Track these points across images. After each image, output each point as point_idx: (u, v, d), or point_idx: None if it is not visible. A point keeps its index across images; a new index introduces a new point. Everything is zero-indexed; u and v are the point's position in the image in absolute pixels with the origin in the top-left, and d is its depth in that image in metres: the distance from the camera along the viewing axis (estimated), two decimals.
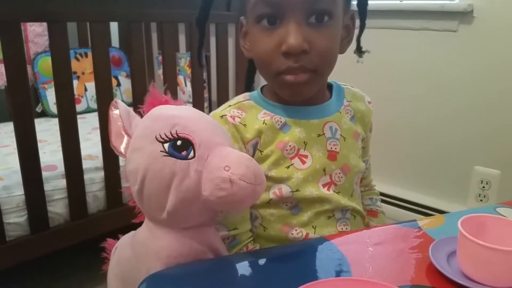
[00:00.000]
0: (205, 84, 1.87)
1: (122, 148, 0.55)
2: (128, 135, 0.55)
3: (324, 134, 0.69)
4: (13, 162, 1.31)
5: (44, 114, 2.14)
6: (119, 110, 0.56)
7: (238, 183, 0.47)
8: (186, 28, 1.98)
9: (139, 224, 0.59)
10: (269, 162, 0.66)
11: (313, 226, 0.67)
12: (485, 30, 1.41)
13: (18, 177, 1.23)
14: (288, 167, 0.66)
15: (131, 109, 0.58)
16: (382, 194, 1.64)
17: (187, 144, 0.50)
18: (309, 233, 0.67)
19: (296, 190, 0.66)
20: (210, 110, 1.96)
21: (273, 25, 0.61)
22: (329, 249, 0.56)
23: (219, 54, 1.74)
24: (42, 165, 1.24)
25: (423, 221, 0.63)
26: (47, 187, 1.29)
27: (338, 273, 0.50)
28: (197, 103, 1.68)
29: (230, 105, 0.70)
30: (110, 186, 1.42)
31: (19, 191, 1.24)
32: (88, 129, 1.81)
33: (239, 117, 0.67)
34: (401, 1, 1.58)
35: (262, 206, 0.68)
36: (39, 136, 1.25)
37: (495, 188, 1.46)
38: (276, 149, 0.66)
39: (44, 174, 1.27)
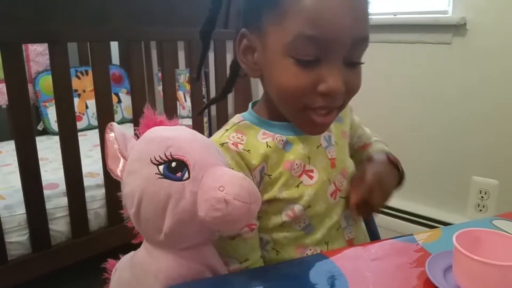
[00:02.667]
0: (204, 100, 1.89)
1: (118, 171, 0.55)
2: (124, 158, 0.55)
3: (321, 144, 0.68)
4: (15, 181, 1.32)
5: (46, 132, 2.16)
6: (114, 133, 0.57)
7: (232, 202, 0.48)
8: (185, 45, 2.00)
9: (140, 243, 0.60)
10: (279, 184, 0.64)
11: (325, 242, 0.67)
12: (478, 42, 1.43)
13: (19, 196, 1.24)
14: (298, 185, 0.65)
15: (126, 132, 0.59)
16: None
17: (182, 166, 0.50)
18: (322, 251, 0.66)
19: (308, 207, 0.65)
20: (209, 125, 1.97)
21: (313, 63, 0.57)
22: (327, 266, 0.56)
23: (217, 70, 1.76)
24: (43, 183, 1.25)
25: (420, 236, 0.63)
26: (48, 205, 1.29)
27: None
28: (197, 118, 1.70)
29: (227, 129, 0.67)
30: (111, 203, 1.43)
31: (21, 210, 1.25)
32: (89, 146, 1.82)
33: (241, 143, 0.64)
34: (395, 16, 1.60)
35: (274, 230, 0.66)
36: (41, 154, 1.27)
37: (494, 198, 1.47)
38: (284, 170, 0.64)
39: (46, 192, 1.28)
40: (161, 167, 0.50)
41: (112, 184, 1.41)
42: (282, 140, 0.66)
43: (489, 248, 0.51)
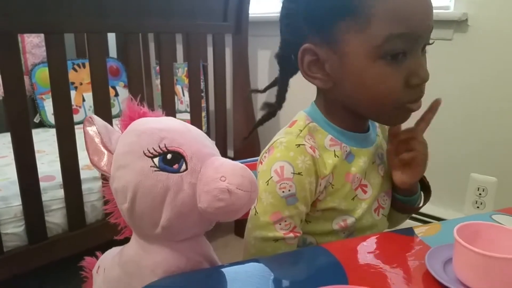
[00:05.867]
0: (203, 94, 1.88)
1: (103, 165, 0.53)
2: (109, 151, 0.54)
3: (375, 161, 0.70)
4: (11, 172, 1.31)
5: (42, 124, 2.15)
6: (96, 126, 0.55)
7: (236, 192, 0.47)
8: (183, 38, 1.99)
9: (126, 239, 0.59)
10: (340, 195, 0.65)
11: None
12: (479, 38, 1.42)
13: (15, 188, 1.23)
14: (353, 198, 0.66)
15: (108, 124, 0.57)
16: None
17: (178, 157, 0.49)
18: None
19: (359, 219, 0.67)
20: (207, 120, 1.96)
21: (401, 58, 0.58)
22: (325, 257, 0.56)
23: (216, 64, 1.75)
24: (40, 175, 1.24)
25: (419, 229, 0.63)
26: (45, 197, 1.29)
27: (335, 281, 0.49)
28: (195, 112, 1.69)
29: (300, 130, 0.65)
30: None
31: (17, 202, 1.24)
32: None
33: (316, 148, 0.63)
34: None
35: (322, 235, 0.67)
36: (37, 146, 1.25)
37: (491, 195, 1.47)
38: (346, 182, 0.65)
39: (42, 184, 1.27)
40: (156, 160, 0.49)
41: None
42: (346, 151, 0.66)
43: (489, 241, 0.50)
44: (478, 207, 1.50)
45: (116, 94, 2.34)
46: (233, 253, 1.76)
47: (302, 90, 0.75)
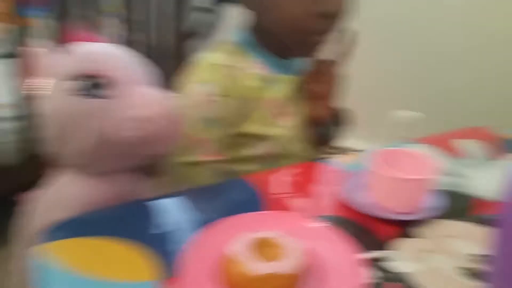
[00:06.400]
0: (139, 26, 1.75)
1: (40, 91, 0.52)
2: (47, 77, 0.52)
3: (299, 91, 0.69)
4: None
5: None
6: (39, 52, 0.56)
7: (153, 121, 0.47)
8: None
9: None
10: (257, 119, 0.65)
11: None
12: None
13: None
14: (273, 125, 0.66)
15: (51, 50, 0.56)
16: None
17: (104, 83, 0.48)
18: None
19: (281, 147, 0.67)
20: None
21: None
22: (243, 188, 0.56)
23: None
24: None
25: (336, 157, 0.65)
26: None
27: (252, 210, 0.50)
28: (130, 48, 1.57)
29: (224, 51, 0.65)
30: (23, 137, 1.32)
31: None
32: None
33: (238, 70, 0.63)
34: None
35: (242, 162, 0.67)
36: None
37: (417, 130, 1.55)
38: (264, 106, 0.65)
39: None
40: (82, 84, 0.48)
41: (23, 117, 1.29)
42: (270, 75, 0.66)
43: (402, 165, 0.53)
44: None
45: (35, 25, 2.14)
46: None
47: None
